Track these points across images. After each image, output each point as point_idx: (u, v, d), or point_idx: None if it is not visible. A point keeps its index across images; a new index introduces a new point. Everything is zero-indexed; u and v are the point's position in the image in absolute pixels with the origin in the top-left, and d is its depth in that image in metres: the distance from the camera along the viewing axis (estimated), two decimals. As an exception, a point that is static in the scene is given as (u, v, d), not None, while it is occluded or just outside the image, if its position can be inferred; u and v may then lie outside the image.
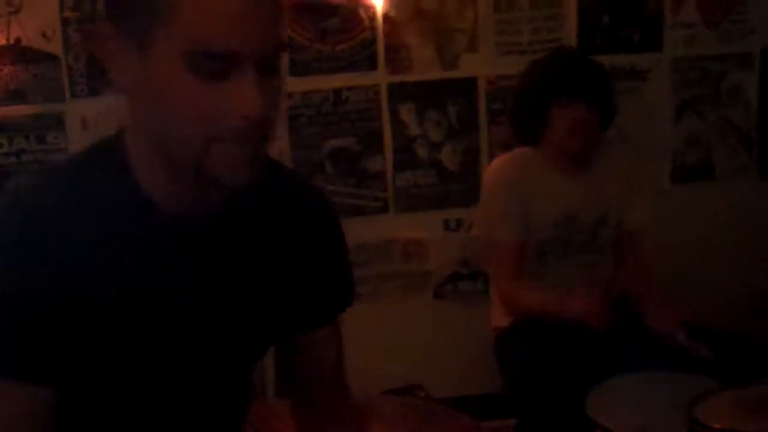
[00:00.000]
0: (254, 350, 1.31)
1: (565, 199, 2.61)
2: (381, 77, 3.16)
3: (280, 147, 3.08)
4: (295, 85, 3.09)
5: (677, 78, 3.32)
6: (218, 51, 0.99)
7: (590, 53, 3.09)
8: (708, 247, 3.31)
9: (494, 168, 2.68)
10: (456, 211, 3.22)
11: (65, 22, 3.01)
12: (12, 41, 2.99)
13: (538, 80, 2.60)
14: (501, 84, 3.21)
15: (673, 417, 1.98)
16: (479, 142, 3.23)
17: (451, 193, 3.23)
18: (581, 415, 2.14)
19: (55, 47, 3.01)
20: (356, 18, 3.11)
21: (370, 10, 3.11)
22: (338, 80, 3.13)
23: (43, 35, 3.01)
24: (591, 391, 2.23)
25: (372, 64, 3.15)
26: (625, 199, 2.67)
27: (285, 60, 1.00)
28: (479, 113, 3.22)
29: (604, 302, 2.41)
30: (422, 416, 2.08)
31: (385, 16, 3.12)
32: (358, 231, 3.18)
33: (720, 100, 3.35)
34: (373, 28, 3.12)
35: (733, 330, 2.50)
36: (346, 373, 1.41)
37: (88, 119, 3.01)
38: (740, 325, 2.62)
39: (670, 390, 2.17)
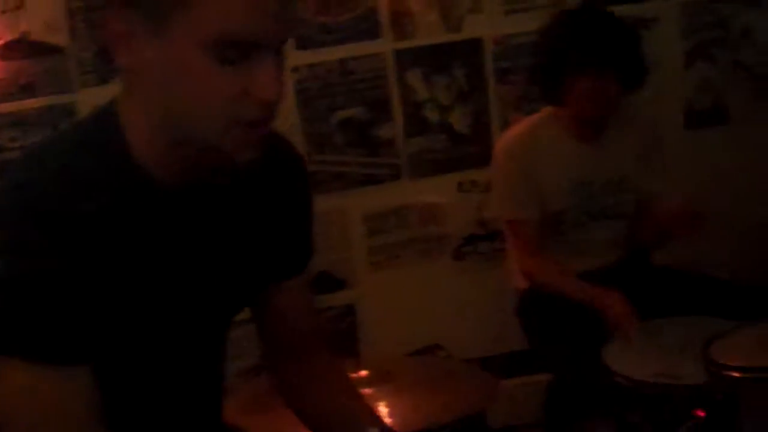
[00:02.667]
0: (235, 304, 1.37)
1: (580, 165, 2.58)
2: (386, 44, 3.15)
3: (290, 121, 3.10)
4: (301, 58, 3.10)
5: (686, 23, 3.28)
6: (241, 39, 1.02)
7: (597, 4, 3.07)
8: (724, 191, 3.29)
9: (502, 145, 2.66)
10: (470, 173, 3.21)
11: (71, 13, 3.03)
12: (19, 36, 3.03)
13: (554, 44, 2.51)
14: (507, 43, 3.19)
15: (689, 359, 1.98)
16: (489, 102, 3.22)
17: (464, 156, 3.23)
18: (601, 366, 2.16)
19: (63, 39, 3.03)
20: (357, -13, 3.11)
21: (371, -22, 3.10)
22: (343, 51, 3.13)
23: (50, 28, 3.04)
24: (609, 341, 2.25)
25: (376, 33, 3.14)
26: (641, 162, 2.63)
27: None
28: (487, 74, 3.21)
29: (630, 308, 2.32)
30: (441, 374, 2.11)
31: (387, -17, 3.11)
32: (372, 199, 3.21)
33: (731, 43, 3.31)
34: (376, -4, 3.11)
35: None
36: (320, 331, 1.48)
37: (100, 108, 3.04)
38: (759, 268, 2.60)
39: (685, 333, 2.17)
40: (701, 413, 1.82)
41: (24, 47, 3.03)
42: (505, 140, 2.67)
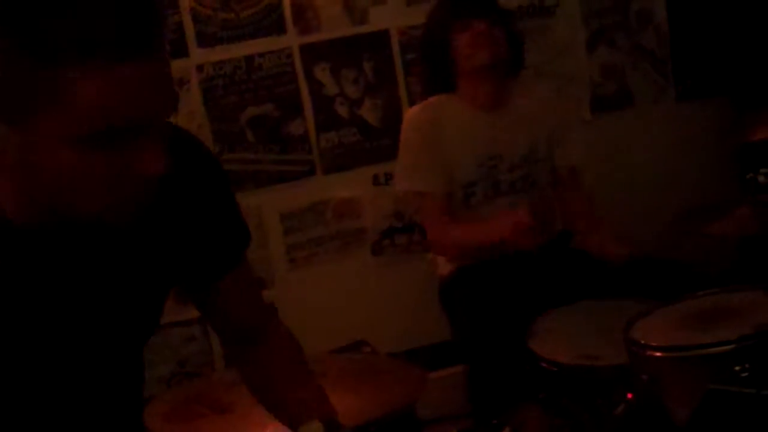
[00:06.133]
0: (148, 316, 1.30)
1: (487, 138, 2.61)
2: (291, 39, 3.11)
3: (197, 120, 3.04)
4: (204, 56, 3.04)
5: (585, 9, 3.34)
6: (122, 126, 0.95)
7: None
8: (631, 173, 3.38)
9: (408, 119, 2.68)
10: (384, 165, 3.19)
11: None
12: None
13: (436, 15, 2.65)
14: (413, 34, 3.18)
15: (613, 341, 2.02)
16: (398, 94, 3.22)
17: (377, 149, 3.22)
18: (526, 351, 2.18)
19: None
20: (259, -18, 3.06)
21: (272, -28, 3.06)
22: (248, 47, 3.08)
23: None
24: (532, 326, 2.27)
25: (281, 27, 3.10)
26: (554, 134, 2.67)
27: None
28: (395, 66, 3.21)
29: (532, 220, 2.37)
30: (367, 370, 2.10)
31: (288, -23, 3.07)
32: (287, 197, 3.17)
33: (630, 27, 3.38)
34: (278, -9, 3.07)
35: (658, 253, 2.56)
36: (269, 315, 1.46)
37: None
38: (664, 247, 2.67)
39: (608, 316, 2.21)
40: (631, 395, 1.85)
41: None
42: (410, 113, 2.70)
